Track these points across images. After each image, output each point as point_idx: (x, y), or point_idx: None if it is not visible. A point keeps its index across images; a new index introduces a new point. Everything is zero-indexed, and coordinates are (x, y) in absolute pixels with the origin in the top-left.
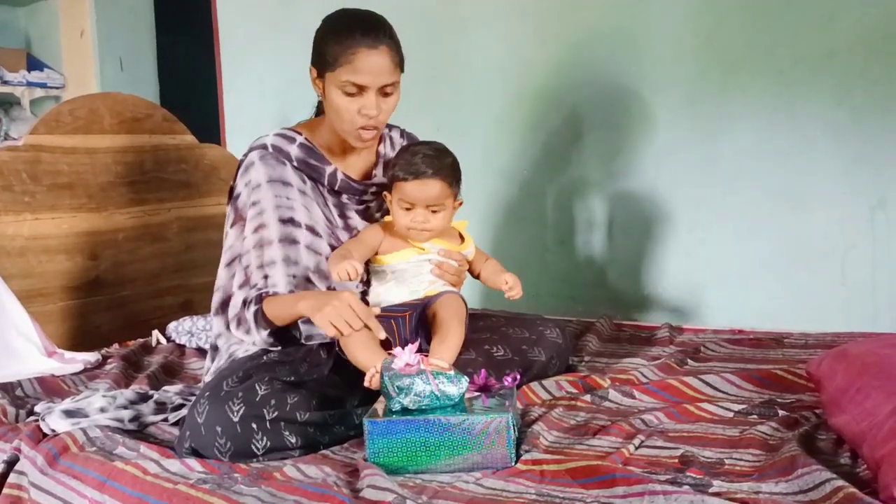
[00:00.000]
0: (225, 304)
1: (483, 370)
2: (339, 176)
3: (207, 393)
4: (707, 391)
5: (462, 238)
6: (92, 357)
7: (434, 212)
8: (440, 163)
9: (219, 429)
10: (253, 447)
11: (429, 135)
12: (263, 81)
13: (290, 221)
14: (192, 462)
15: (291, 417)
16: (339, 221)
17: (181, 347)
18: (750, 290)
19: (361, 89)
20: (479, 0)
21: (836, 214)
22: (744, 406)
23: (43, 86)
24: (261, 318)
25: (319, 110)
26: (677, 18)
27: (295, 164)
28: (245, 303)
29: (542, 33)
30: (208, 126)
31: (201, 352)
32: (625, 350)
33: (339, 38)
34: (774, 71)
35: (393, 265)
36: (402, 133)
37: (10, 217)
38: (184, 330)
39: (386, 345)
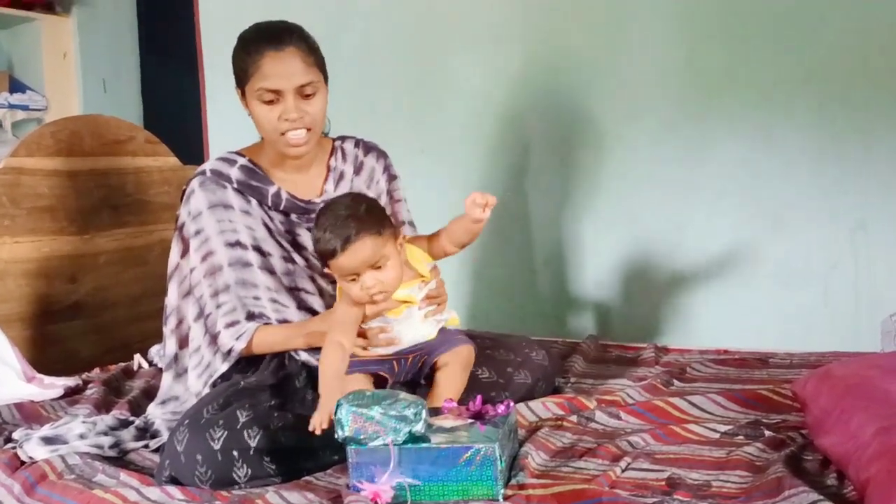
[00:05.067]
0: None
1: (479, 396)
2: (283, 195)
3: (187, 420)
4: (693, 412)
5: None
6: (72, 382)
7: (379, 268)
8: (353, 221)
9: (199, 457)
10: (234, 475)
11: (413, 156)
12: None
13: (237, 244)
14: (173, 490)
15: (274, 446)
16: (288, 238)
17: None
18: (734, 311)
19: (277, 94)
20: (463, 24)
21: (817, 235)
22: (730, 427)
23: (25, 108)
24: (230, 355)
25: None
26: (658, 43)
27: (235, 185)
28: (215, 341)
29: (525, 57)
30: (192, 148)
31: None
32: (610, 371)
33: (247, 49)
34: (754, 94)
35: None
36: (358, 143)
37: None
38: None
39: (382, 381)
